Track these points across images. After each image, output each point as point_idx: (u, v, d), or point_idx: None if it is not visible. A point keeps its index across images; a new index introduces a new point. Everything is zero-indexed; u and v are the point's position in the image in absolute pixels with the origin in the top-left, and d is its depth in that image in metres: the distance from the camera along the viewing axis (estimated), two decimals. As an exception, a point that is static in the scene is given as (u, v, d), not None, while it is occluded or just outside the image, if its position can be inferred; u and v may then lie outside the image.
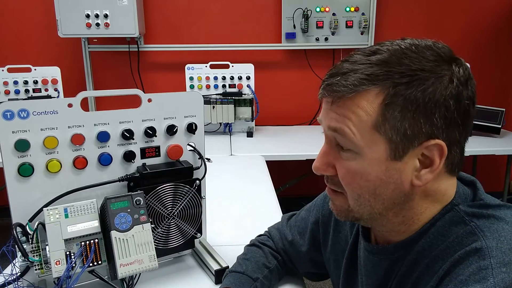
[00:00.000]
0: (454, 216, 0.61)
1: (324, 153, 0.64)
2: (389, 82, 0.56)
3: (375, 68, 0.57)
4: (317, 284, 2.41)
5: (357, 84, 0.57)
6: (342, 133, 0.59)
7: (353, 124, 0.58)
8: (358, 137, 0.58)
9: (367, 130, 0.57)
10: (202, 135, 1.00)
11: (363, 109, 0.57)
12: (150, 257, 0.81)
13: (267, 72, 2.95)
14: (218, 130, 2.59)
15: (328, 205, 0.87)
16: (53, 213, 0.79)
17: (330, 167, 0.64)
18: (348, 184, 0.62)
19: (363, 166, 0.59)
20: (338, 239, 0.85)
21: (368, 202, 0.62)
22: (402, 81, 0.56)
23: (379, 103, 0.56)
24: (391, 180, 0.59)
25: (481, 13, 2.97)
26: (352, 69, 0.58)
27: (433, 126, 0.56)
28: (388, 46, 0.59)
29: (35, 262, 0.79)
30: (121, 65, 2.90)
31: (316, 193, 0.96)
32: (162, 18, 2.87)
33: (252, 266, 0.90)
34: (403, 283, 0.65)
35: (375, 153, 0.58)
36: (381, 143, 0.58)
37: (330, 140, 0.64)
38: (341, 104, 0.59)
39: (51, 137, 0.83)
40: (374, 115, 0.57)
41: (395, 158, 0.58)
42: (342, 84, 0.58)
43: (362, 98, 0.57)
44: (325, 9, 2.81)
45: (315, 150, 2.33)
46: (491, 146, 2.33)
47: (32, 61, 2.49)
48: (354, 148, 0.59)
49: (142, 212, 0.82)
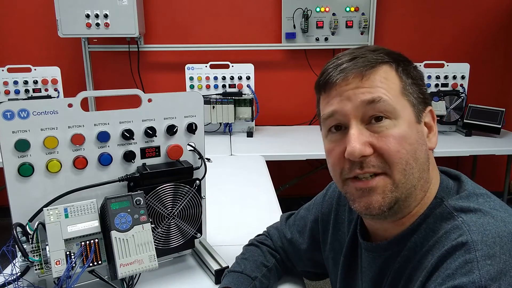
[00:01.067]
0: (443, 211, 0.64)
1: (359, 135, 0.63)
2: (392, 60, 0.66)
3: (377, 52, 0.66)
4: (317, 284, 2.41)
5: (372, 61, 0.64)
6: (382, 100, 0.63)
7: (388, 91, 0.63)
8: (395, 101, 0.63)
9: (398, 95, 0.64)
10: (202, 135, 1.00)
11: (388, 78, 0.64)
12: (150, 257, 0.81)
13: (267, 72, 2.96)
14: (218, 130, 2.59)
15: (327, 204, 0.88)
16: (53, 213, 0.79)
17: (368, 146, 0.63)
18: (397, 151, 0.62)
19: (404, 129, 0.63)
20: (337, 237, 0.85)
21: (412, 170, 0.63)
22: (401, 59, 0.67)
23: (395, 73, 0.65)
24: (422, 142, 0.65)
25: (481, 13, 2.97)
26: (354, 57, 0.66)
27: (425, 96, 0.68)
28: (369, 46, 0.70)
29: (35, 262, 0.79)
30: (121, 65, 2.90)
31: (316, 193, 0.96)
32: (162, 18, 2.87)
33: (250, 266, 0.90)
34: (397, 279, 0.66)
35: (408, 116, 0.64)
36: (408, 107, 0.65)
37: (361, 118, 0.64)
38: (369, 78, 0.64)
39: (51, 137, 0.83)
40: (398, 82, 0.65)
41: (419, 121, 0.66)
42: (359, 64, 0.64)
43: (383, 70, 0.64)
44: (325, 9, 2.81)
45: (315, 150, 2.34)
46: (491, 146, 2.33)
47: (32, 61, 2.49)
48: (393, 113, 0.63)
49: (142, 212, 0.82)
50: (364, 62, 0.64)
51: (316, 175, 3.06)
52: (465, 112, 2.52)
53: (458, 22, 2.96)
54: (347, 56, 0.66)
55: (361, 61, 0.64)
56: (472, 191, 0.65)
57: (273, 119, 2.96)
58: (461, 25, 2.98)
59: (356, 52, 0.66)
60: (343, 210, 0.85)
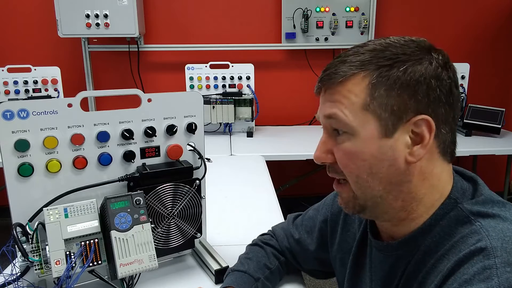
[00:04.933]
0: (459, 215, 0.62)
1: (323, 143, 0.68)
2: (373, 65, 0.61)
3: (362, 56, 0.63)
4: (317, 284, 2.41)
5: (346, 70, 0.63)
6: (336, 117, 0.63)
7: (345, 107, 0.63)
8: (350, 118, 0.62)
9: (358, 110, 0.62)
10: (202, 135, 1.00)
11: (352, 92, 0.62)
12: (150, 257, 0.81)
13: (267, 72, 2.95)
14: (218, 130, 2.58)
15: (337, 204, 0.88)
16: (53, 213, 0.79)
17: (329, 154, 0.67)
18: (346, 166, 0.65)
19: (357, 146, 0.63)
20: (346, 237, 0.85)
21: (366, 184, 0.64)
22: (385, 63, 0.61)
23: (366, 85, 0.61)
24: (385, 157, 0.62)
25: (480, 13, 2.97)
26: (342, 61, 0.64)
27: (418, 103, 0.60)
28: (376, 40, 0.66)
29: (35, 262, 0.79)
30: (121, 65, 2.90)
31: (316, 193, 0.97)
32: (162, 18, 2.87)
33: (254, 266, 0.90)
34: (410, 282, 0.65)
35: (368, 132, 0.62)
36: (372, 121, 0.62)
37: (327, 129, 0.68)
38: (333, 91, 0.64)
39: (51, 137, 0.83)
40: (363, 96, 0.62)
41: (386, 135, 0.62)
42: (333, 73, 0.64)
43: (350, 82, 0.62)
44: (325, 9, 2.81)
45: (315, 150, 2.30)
46: (491, 146, 2.33)
47: (32, 61, 2.49)
48: (348, 129, 0.63)
49: (142, 212, 0.82)
50: (339, 71, 0.63)
51: (316, 175, 3.06)
52: (465, 112, 2.51)
53: (458, 22, 2.96)
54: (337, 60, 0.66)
55: (339, 69, 0.63)
56: (489, 197, 0.64)
57: (273, 119, 2.96)
58: (461, 25, 2.98)
59: (348, 54, 0.65)
60: None
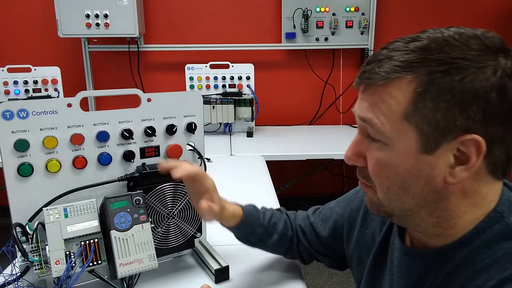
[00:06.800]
0: (504, 229, 0.56)
1: (356, 143, 0.62)
2: (424, 70, 0.53)
3: (411, 55, 0.54)
4: (317, 284, 2.41)
5: (389, 71, 0.55)
6: (371, 123, 0.57)
7: (383, 114, 0.56)
8: (387, 128, 0.56)
9: (397, 120, 0.55)
10: (202, 134, 1.00)
11: (393, 97, 0.55)
12: (150, 257, 0.81)
13: (267, 72, 2.95)
14: (218, 130, 2.58)
15: (357, 200, 0.87)
16: (53, 213, 0.79)
17: (361, 157, 0.62)
18: (376, 176, 0.60)
19: (392, 157, 0.57)
20: (364, 235, 0.82)
21: (397, 196, 0.59)
22: (439, 69, 0.52)
23: (411, 92, 0.53)
24: (421, 174, 0.56)
25: (481, 12, 2.97)
26: (388, 56, 0.56)
27: (469, 120, 0.52)
28: (430, 34, 0.56)
29: (35, 262, 0.79)
30: (121, 65, 2.90)
31: (316, 193, 0.97)
32: (162, 18, 2.87)
33: (268, 216, 0.94)
34: None
35: (405, 145, 0.56)
36: (411, 134, 0.55)
37: (362, 130, 0.61)
38: (372, 92, 0.57)
39: (51, 137, 0.83)
40: (405, 104, 0.54)
41: (426, 151, 0.55)
42: (375, 72, 0.56)
43: (393, 86, 0.55)
44: (325, 9, 2.81)
45: (315, 150, 2.34)
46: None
47: (32, 61, 2.49)
48: (383, 138, 0.57)
49: (141, 212, 0.82)
50: (383, 69, 0.55)
51: (316, 175, 3.05)
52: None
53: (458, 22, 2.94)
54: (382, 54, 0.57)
55: (383, 67, 0.55)
56: None
57: (273, 119, 2.96)
58: (461, 24, 2.96)
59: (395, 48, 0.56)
60: None
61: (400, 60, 0.54)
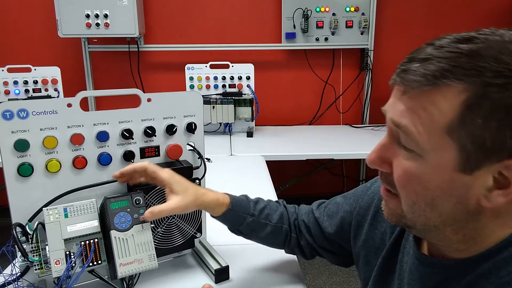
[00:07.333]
0: None
1: (382, 146, 0.57)
2: (478, 80, 0.46)
3: (465, 60, 0.47)
4: (317, 284, 2.41)
5: (438, 75, 0.48)
6: (407, 131, 0.51)
7: (422, 123, 0.50)
8: (424, 139, 0.50)
9: (438, 132, 0.49)
10: (202, 134, 1.00)
11: (438, 107, 0.48)
12: (150, 257, 0.81)
13: (267, 72, 2.96)
14: (218, 130, 2.58)
15: (367, 197, 0.83)
16: (53, 213, 0.79)
17: (387, 163, 0.56)
18: (403, 187, 0.55)
19: (424, 171, 0.51)
20: (373, 235, 0.78)
21: (423, 212, 0.54)
22: (496, 81, 0.45)
23: (459, 103, 0.47)
24: (454, 193, 0.51)
25: (481, 12, 2.97)
26: (436, 56, 0.49)
27: None
28: (488, 35, 0.48)
29: (35, 262, 0.79)
30: (121, 65, 2.90)
31: (316, 193, 0.97)
32: (162, 18, 2.87)
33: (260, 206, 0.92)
34: None
35: (442, 160, 0.50)
36: (451, 149, 0.49)
37: (392, 134, 0.55)
38: (413, 96, 0.50)
39: (51, 137, 0.83)
40: (450, 116, 0.48)
41: (464, 170, 0.49)
42: (419, 73, 0.49)
43: (440, 93, 0.48)
44: (325, 9, 2.81)
45: (315, 150, 2.34)
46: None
47: (32, 61, 2.49)
48: (416, 149, 0.51)
49: (141, 212, 0.82)
50: (429, 71, 0.48)
51: (316, 175, 3.06)
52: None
53: (458, 22, 2.96)
54: (428, 53, 0.50)
55: (429, 68, 0.48)
56: None
57: (273, 119, 2.96)
58: (461, 25, 2.97)
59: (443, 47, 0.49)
60: None
61: (451, 64, 0.47)
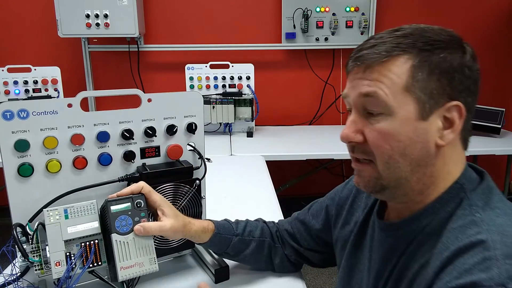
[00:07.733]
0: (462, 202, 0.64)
1: (352, 121, 0.68)
2: (416, 49, 0.63)
3: (401, 39, 0.64)
4: (317, 284, 2.41)
5: (389, 50, 0.63)
6: (376, 95, 0.64)
7: (386, 87, 0.63)
8: (390, 98, 0.63)
9: (399, 91, 0.63)
10: (202, 135, 1.00)
11: (393, 72, 0.63)
12: (151, 260, 0.81)
13: (267, 72, 2.95)
14: (218, 130, 2.58)
15: (347, 190, 0.91)
16: (53, 214, 0.79)
17: (359, 133, 0.67)
18: (380, 146, 0.65)
19: (394, 126, 0.64)
20: (349, 220, 0.87)
21: (397, 164, 0.65)
22: (426, 48, 0.63)
23: (408, 67, 0.63)
24: (419, 140, 0.64)
25: (480, 13, 2.97)
26: (380, 42, 0.65)
27: (453, 89, 0.63)
28: (408, 26, 0.67)
29: (35, 263, 0.79)
30: (121, 65, 2.90)
31: (316, 193, 0.97)
32: (162, 18, 2.87)
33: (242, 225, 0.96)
34: (410, 262, 0.67)
35: (405, 113, 0.63)
36: (411, 103, 0.63)
37: (358, 109, 0.67)
38: (373, 70, 0.64)
39: (51, 137, 0.83)
40: (404, 78, 0.63)
41: (422, 117, 0.63)
42: (373, 53, 0.64)
43: (393, 63, 0.63)
44: (325, 9, 2.81)
45: (315, 150, 2.34)
46: (491, 146, 2.33)
47: (32, 61, 2.49)
48: (386, 110, 0.64)
49: (143, 215, 0.82)
50: (381, 50, 0.64)
51: (316, 175, 3.06)
52: (465, 112, 2.51)
53: (458, 22, 2.96)
54: (371, 41, 0.66)
55: (380, 49, 0.64)
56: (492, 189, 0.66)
57: (273, 119, 2.96)
58: (461, 25, 2.97)
59: (383, 37, 0.66)
60: (361, 197, 0.87)
61: (394, 43, 0.64)
